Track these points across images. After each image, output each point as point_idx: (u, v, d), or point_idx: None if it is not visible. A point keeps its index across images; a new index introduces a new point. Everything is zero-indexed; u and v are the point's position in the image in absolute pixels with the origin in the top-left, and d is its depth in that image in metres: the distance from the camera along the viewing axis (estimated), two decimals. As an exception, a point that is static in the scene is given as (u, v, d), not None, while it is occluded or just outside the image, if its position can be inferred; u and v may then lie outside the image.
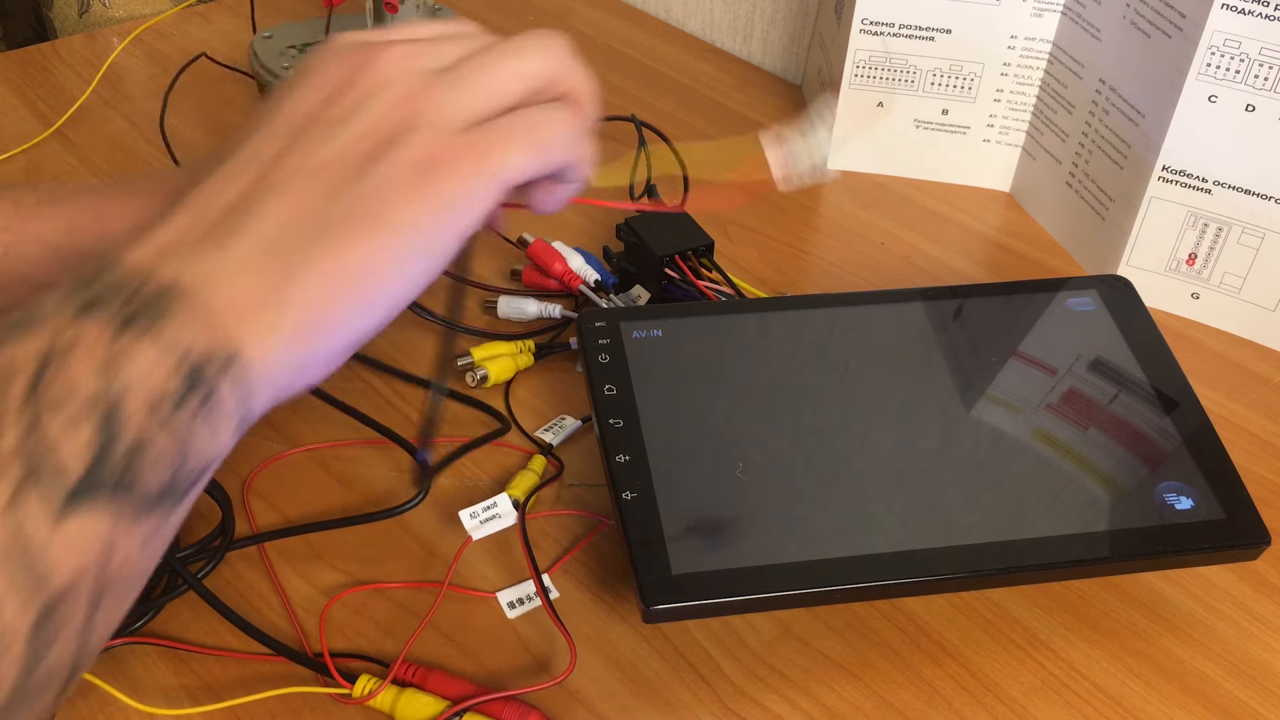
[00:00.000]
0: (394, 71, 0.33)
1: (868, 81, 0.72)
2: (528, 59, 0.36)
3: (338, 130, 0.32)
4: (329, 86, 0.33)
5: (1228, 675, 0.45)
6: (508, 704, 0.41)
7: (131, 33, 0.86)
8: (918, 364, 0.48)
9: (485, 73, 0.35)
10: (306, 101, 0.33)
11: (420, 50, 0.34)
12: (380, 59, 0.33)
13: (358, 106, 0.33)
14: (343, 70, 0.34)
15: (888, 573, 0.41)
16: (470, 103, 0.34)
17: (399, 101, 0.33)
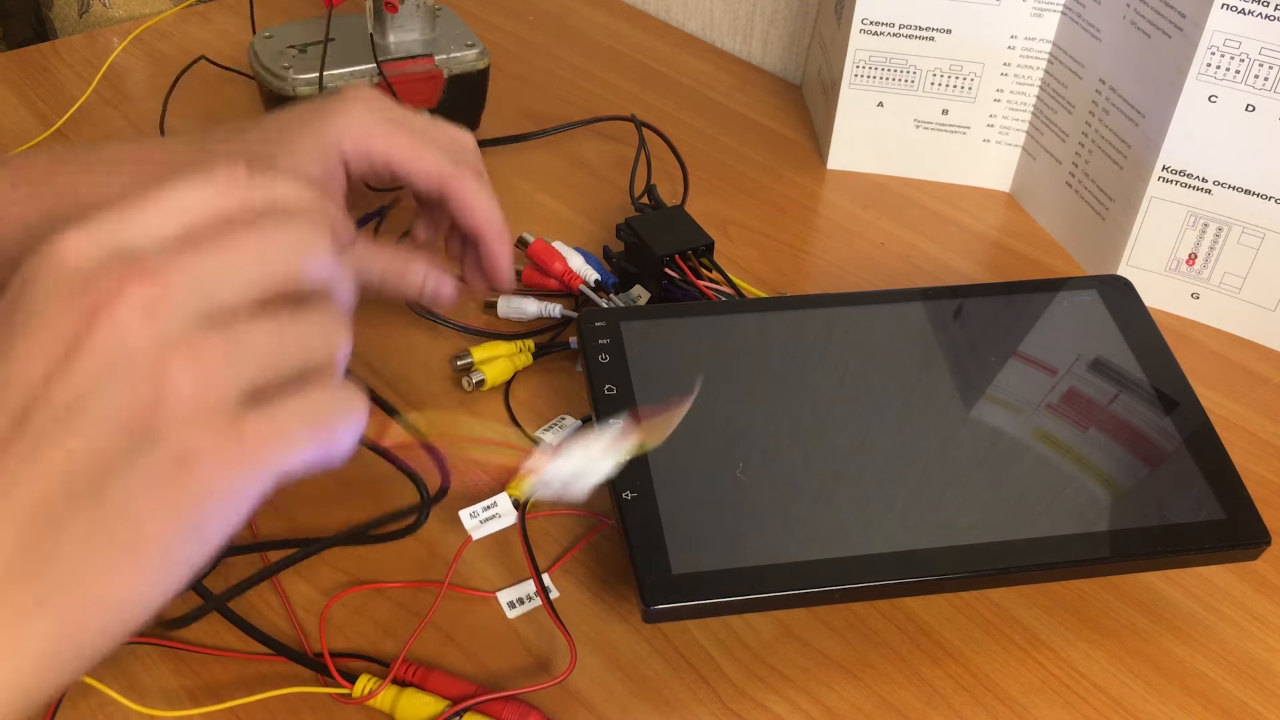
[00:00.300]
0: (134, 331, 0.26)
1: (868, 81, 0.72)
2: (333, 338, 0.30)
3: (71, 418, 0.26)
4: (51, 348, 0.26)
5: (1228, 675, 0.45)
6: (508, 704, 0.41)
7: (131, 33, 0.86)
8: (918, 364, 0.48)
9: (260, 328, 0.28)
10: (27, 368, 0.27)
11: (166, 289, 0.27)
12: (113, 310, 0.26)
13: (94, 384, 0.26)
14: (66, 325, 0.26)
15: (888, 573, 0.41)
16: (235, 377, 0.27)
17: (149, 373, 0.26)
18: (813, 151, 0.78)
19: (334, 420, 0.29)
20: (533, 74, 0.84)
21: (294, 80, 0.69)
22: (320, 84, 0.68)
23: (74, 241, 0.28)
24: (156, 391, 0.26)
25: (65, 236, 0.28)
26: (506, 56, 0.86)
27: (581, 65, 0.86)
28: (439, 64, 0.72)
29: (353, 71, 0.69)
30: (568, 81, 0.84)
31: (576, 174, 0.74)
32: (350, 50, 0.71)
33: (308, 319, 0.29)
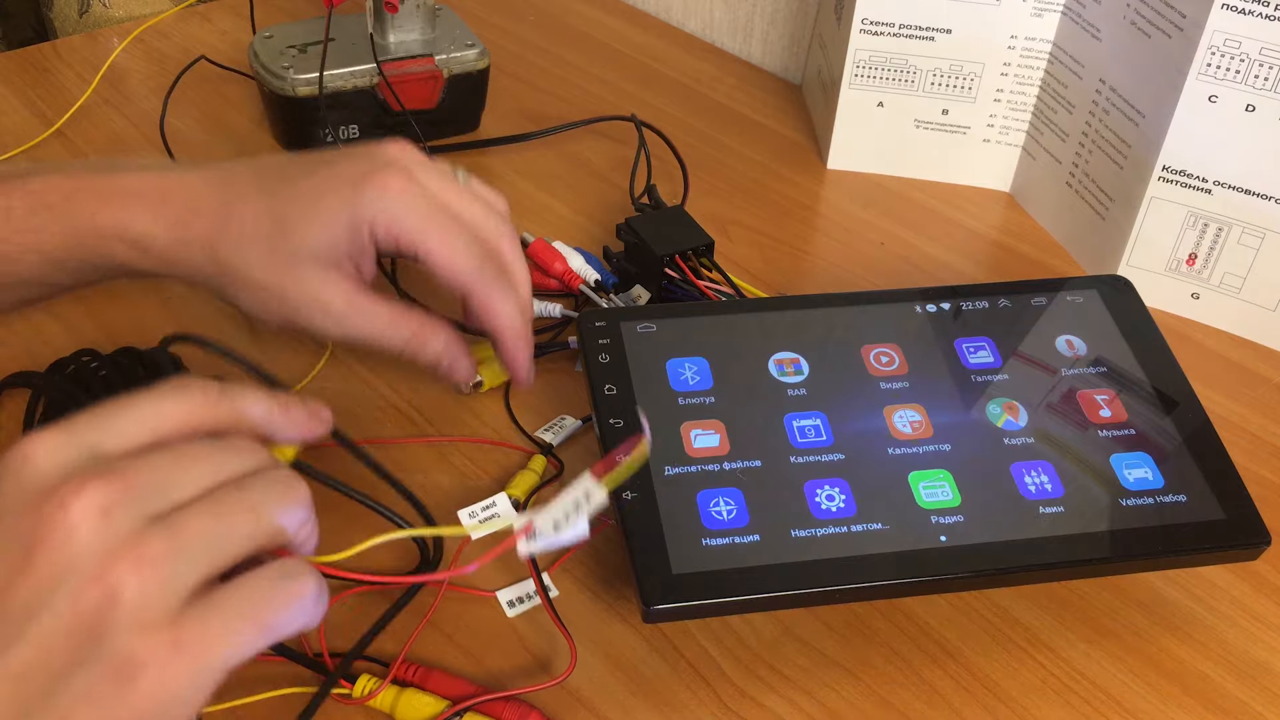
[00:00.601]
0: (85, 534, 0.27)
1: (868, 81, 0.72)
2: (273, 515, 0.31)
3: (25, 627, 0.27)
4: (11, 552, 0.28)
5: (1228, 675, 0.45)
6: (508, 704, 0.41)
7: (131, 33, 0.86)
8: (918, 364, 0.48)
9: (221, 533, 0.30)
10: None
11: (123, 490, 0.28)
12: (68, 512, 0.27)
13: (46, 589, 0.27)
14: (26, 528, 0.28)
15: (888, 573, 0.41)
16: (192, 576, 0.29)
17: (95, 577, 0.27)
18: (813, 151, 0.78)
19: (275, 609, 0.30)
20: (533, 74, 0.84)
21: (294, 80, 0.69)
22: (320, 84, 0.68)
23: (48, 443, 0.29)
24: (103, 597, 0.27)
25: (41, 438, 0.29)
26: (506, 56, 0.86)
27: (581, 65, 0.86)
28: (439, 64, 0.72)
29: (353, 71, 0.69)
30: (568, 81, 0.84)
31: (576, 174, 0.74)
32: (350, 50, 0.71)
33: (252, 491, 0.31)
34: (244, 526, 0.30)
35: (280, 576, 0.30)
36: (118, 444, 0.30)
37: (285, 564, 0.31)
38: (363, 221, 0.44)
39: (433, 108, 0.73)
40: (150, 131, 0.74)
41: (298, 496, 0.32)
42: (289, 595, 0.30)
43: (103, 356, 0.52)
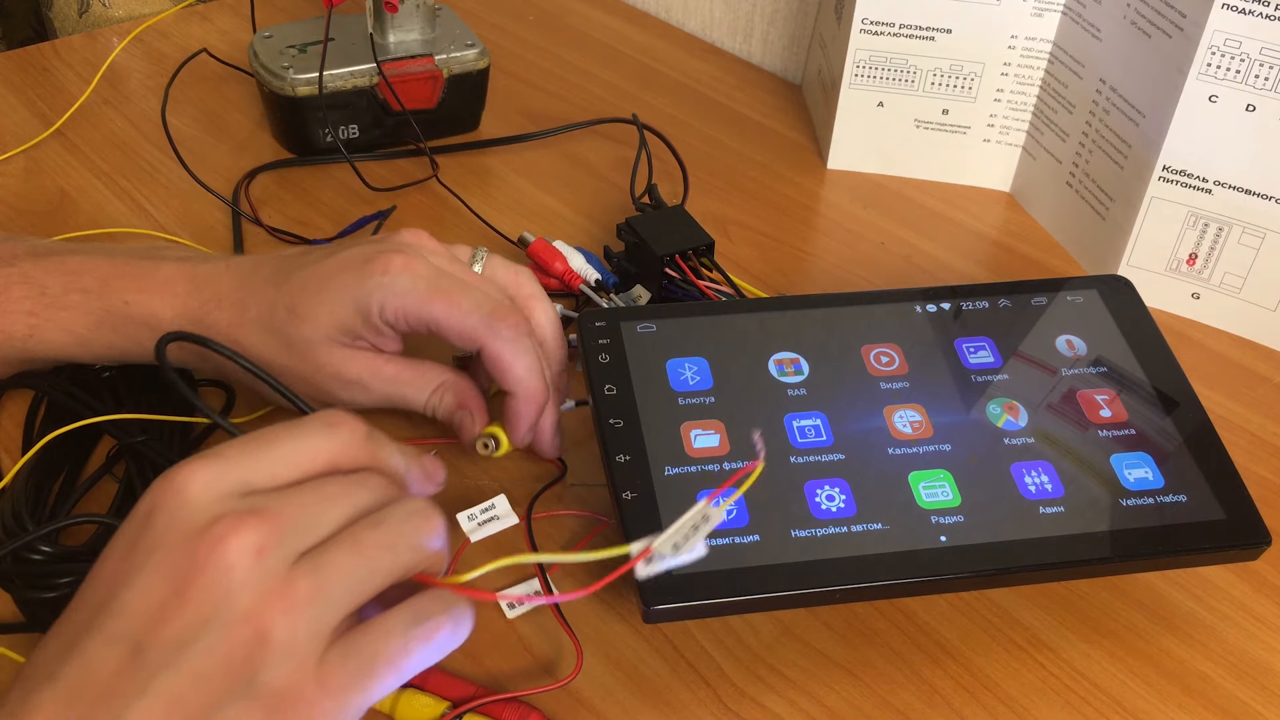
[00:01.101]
0: (240, 574, 0.29)
1: (868, 81, 0.72)
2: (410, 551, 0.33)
3: (180, 654, 0.29)
4: (168, 583, 0.29)
5: (1228, 675, 0.45)
6: (508, 705, 0.41)
7: (131, 32, 0.86)
8: (918, 364, 0.48)
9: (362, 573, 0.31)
10: (145, 599, 0.29)
11: (275, 530, 0.30)
12: (225, 550, 0.29)
13: (200, 623, 0.29)
14: (184, 562, 0.30)
15: (888, 573, 0.41)
16: (335, 616, 0.31)
17: (246, 616, 0.29)
18: (813, 151, 0.78)
19: (412, 651, 0.32)
20: (533, 74, 0.84)
21: (293, 80, 0.69)
22: (320, 84, 0.68)
23: (202, 476, 0.31)
24: (253, 636, 0.29)
25: (194, 470, 0.31)
26: (506, 56, 0.86)
27: (581, 65, 0.86)
28: (439, 64, 0.72)
29: (352, 71, 0.69)
30: (568, 81, 0.84)
31: (577, 174, 0.74)
32: (350, 50, 0.71)
33: (388, 528, 0.32)
34: (383, 563, 0.32)
35: (413, 621, 0.32)
36: (266, 481, 0.32)
37: (419, 605, 0.33)
38: (370, 303, 0.45)
39: (433, 108, 0.73)
40: (150, 131, 0.74)
41: (432, 529, 0.34)
42: (424, 637, 0.32)
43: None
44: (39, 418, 0.51)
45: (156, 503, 0.31)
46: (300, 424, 0.34)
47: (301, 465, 0.33)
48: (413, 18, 0.72)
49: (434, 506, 0.34)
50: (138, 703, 0.29)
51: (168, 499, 0.31)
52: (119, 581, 0.30)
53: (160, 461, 0.48)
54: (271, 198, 0.70)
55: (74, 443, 0.49)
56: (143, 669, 0.29)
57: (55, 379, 0.51)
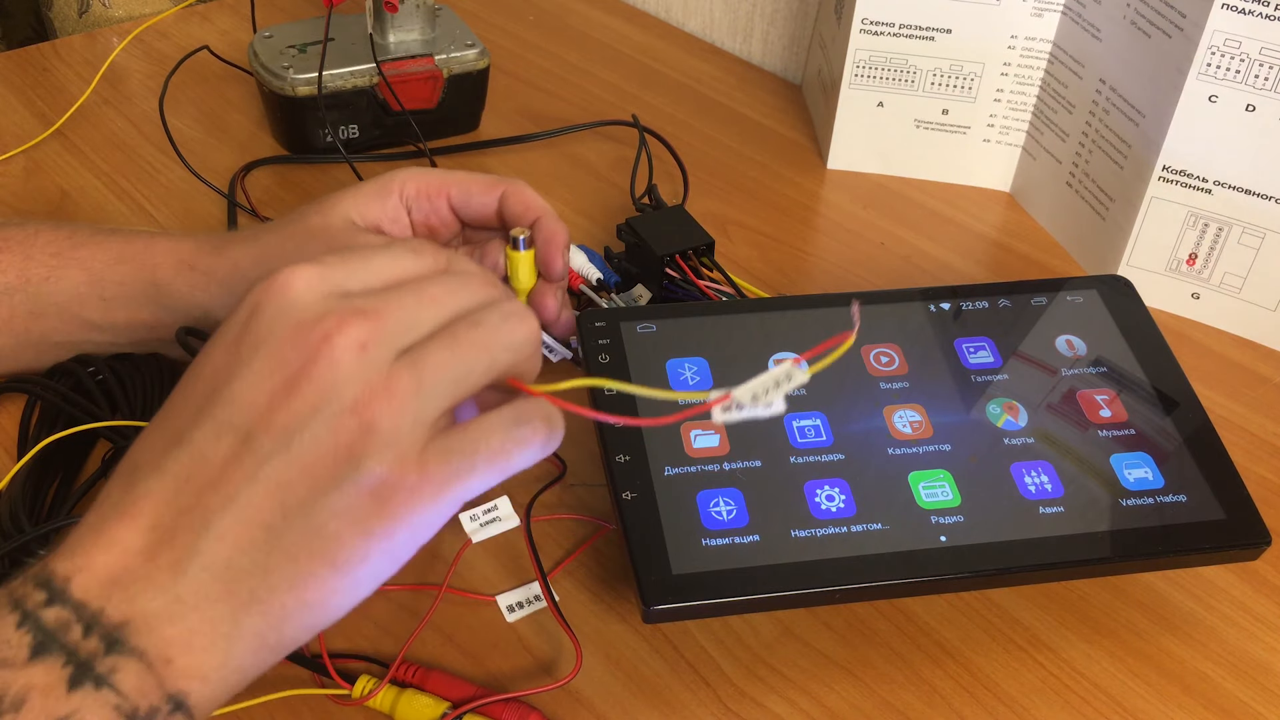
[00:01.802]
0: (346, 367, 0.30)
1: (868, 81, 0.72)
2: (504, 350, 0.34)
3: (289, 442, 0.30)
4: (277, 374, 0.31)
5: (1228, 675, 0.45)
6: (508, 705, 0.41)
7: (131, 32, 0.86)
8: (918, 364, 0.48)
9: (459, 370, 0.32)
10: (254, 390, 0.31)
11: (378, 328, 0.31)
12: (332, 345, 0.30)
13: (309, 412, 0.30)
14: (292, 355, 0.31)
15: (888, 573, 0.41)
16: (436, 409, 0.32)
17: (353, 407, 0.30)
18: (813, 151, 0.78)
19: (509, 451, 0.33)
20: (533, 74, 0.84)
21: (293, 80, 0.69)
22: (320, 84, 0.68)
23: (304, 277, 0.32)
24: (359, 427, 0.30)
25: (296, 271, 0.32)
26: (506, 56, 0.86)
27: (581, 65, 0.86)
28: (439, 64, 0.72)
29: (352, 71, 0.69)
30: (568, 81, 0.84)
31: (577, 174, 0.74)
32: (350, 50, 0.71)
33: (485, 327, 0.33)
34: (480, 362, 0.33)
35: (514, 422, 0.33)
36: (364, 286, 0.33)
37: (520, 409, 0.33)
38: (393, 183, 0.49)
39: (433, 108, 0.73)
40: (150, 131, 0.74)
41: (528, 330, 0.34)
42: (521, 440, 0.33)
43: (100, 361, 0.52)
44: (33, 421, 0.51)
45: (259, 301, 0.32)
46: (389, 244, 0.35)
47: (393, 273, 0.34)
48: (413, 18, 0.72)
49: (529, 310, 0.35)
50: (247, 489, 0.30)
51: (272, 297, 0.32)
52: (226, 374, 0.31)
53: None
54: (272, 198, 0.70)
55: (70, 447, 0.49)
56: (252, 457, 0.30)
57: (50, 383, 0.51)
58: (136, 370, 0.52)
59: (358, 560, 0.31)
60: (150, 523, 0.30)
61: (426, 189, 0.49)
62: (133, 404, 0.50)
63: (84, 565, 0.30)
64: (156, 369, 0.52)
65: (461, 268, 0.35)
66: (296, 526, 0.30)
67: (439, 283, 0.34)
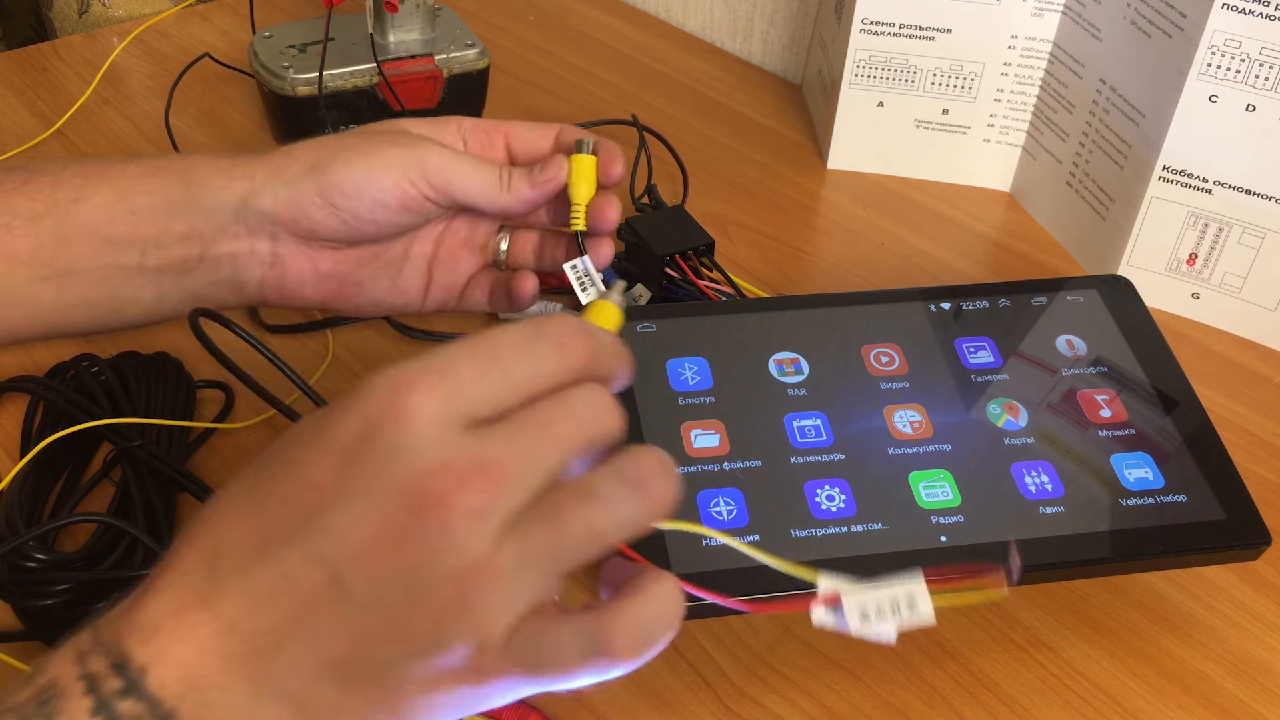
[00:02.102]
0: (457, 535, 0.28)
1: (868, 81, 0.72)
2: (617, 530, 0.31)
3: (381, 595, 0.29)
4: (383, 522, 0.29)
5: (1228, 675, 0.45)
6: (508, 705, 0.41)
7: (131, 33, 0.86)
8: (918, 364, 0.48)
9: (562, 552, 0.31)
10: (356, 531, 0.29)
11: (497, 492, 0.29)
12: (446, 509, 0.28)
13: (408, 571, 0.29)
14: (403, 506, 0.29)
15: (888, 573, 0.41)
16: (533, 592, 0.30)
17: (454, 577, 0.29)
18: (813, 151, 0.78)
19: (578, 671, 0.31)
20: (533, 74, 0.84)
21: (294, 80, 0.69)
22: (320, 84, 0.68)
23: (430, 406, 0.29)
24: (455, 598, 0.29)
25: (423, 398, 0.29)
26: (506, 56, 0.86)
27: (581, 65, 0.86)
28: (439, 64, 0.72)
29: (352, 71, 0.69)
30: (568, 81, 0.84)
31: (576, 174, 0.73)
32: (350, 50, 0.71)
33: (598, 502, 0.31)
34: (584, 549, 0.31)
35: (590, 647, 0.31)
36: (492, 410, 0.30)
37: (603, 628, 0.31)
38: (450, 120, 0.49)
39: (433, 108, 0.73)
40: (151, 131, 0.74)
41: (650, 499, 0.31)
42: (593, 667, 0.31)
43: (103, 361, 0.52)
44: (35, 421, 0.51)
45: (378, 424, 0.29)
46: (532, 339, 0.31)
47: (531, 392, 0.31)
48: (413, 18, 0.72)
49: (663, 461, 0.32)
50: (330, 627, 0.29)
51: (390, 424, 0.29)
52: (327, 498, 0.29)
53: (157, 466, 0.47)
54: (271, 198, 0.70)
55: (73, 447, 0.49)
56: (341, 598, 0.29)
57: (53, 383, 0.51)
58: (139, 369, 0.52)
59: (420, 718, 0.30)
60: (229, 625, 0.29)
61: (484, 125, 0.50)
62: (135, 403, 0.50)
63: (160, 656, 0.29)
64: (159, 368, 0.52)
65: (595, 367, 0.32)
66: (369, 675, 0.29)
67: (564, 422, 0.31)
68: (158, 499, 0.46)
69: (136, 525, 0.45)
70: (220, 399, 0.54)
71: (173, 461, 0.48)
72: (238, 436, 0.52)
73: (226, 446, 0.52)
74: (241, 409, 0.54)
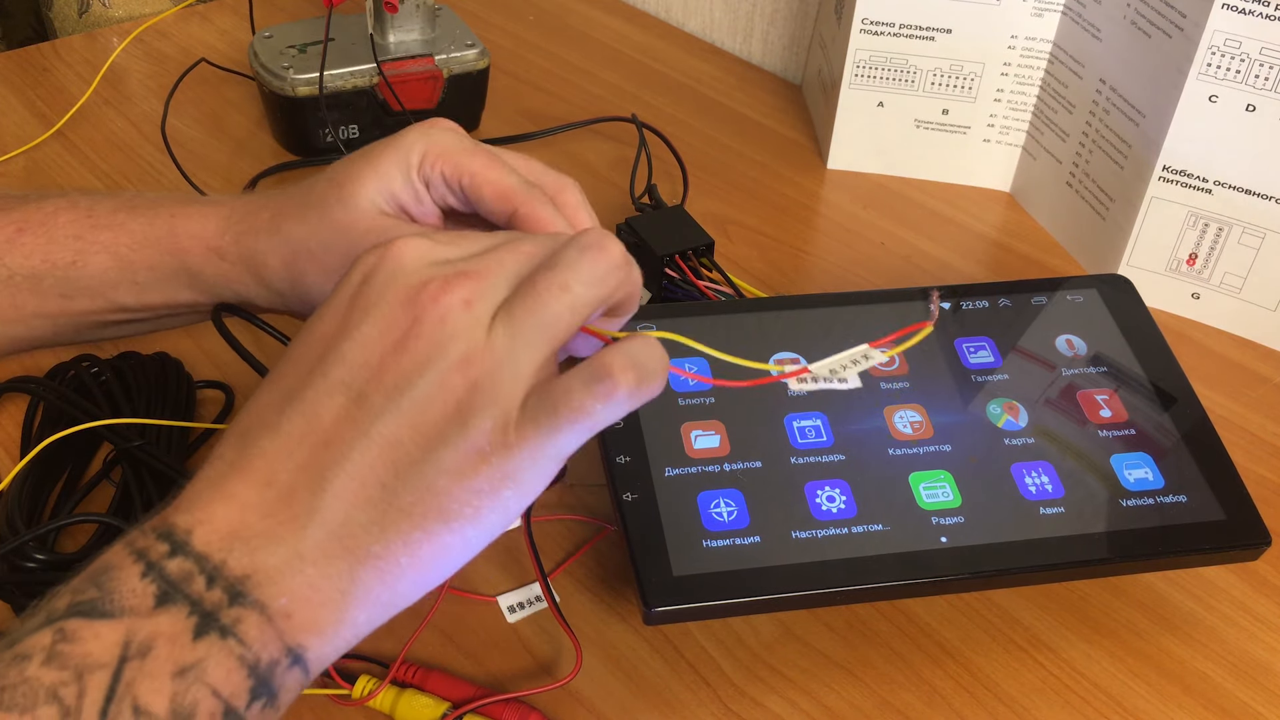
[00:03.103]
0: (453, 324, 0.32)
1: (868, 81, 0.72)
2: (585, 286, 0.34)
3: (399, 398, 0.31)
4: (388, 335, 0.32)
5: (1228, 675, 0.45)
6: (508, 705, 0.41)
7: (131, 33, 0.86)
8: (917, 364, 0.48)
9: (545, 317, 0.33)
10: (366, 350, 0.32)
11: (480, 285, 0.33)
12: (439, 304, 0.32)
13: (418, 370, 0.31)
14: (403, 316, 0.32)
15: (888, 574, 0.41)
16: (531, 361, 0.33)
17: (460, 364, 0.32)
18: (813, 151, 0.78)
19: (590, 408, 0.33)
20: (533, 74, 0.84)
21: (293, 80, 0.69)
22: (320, 84, 0.68)
23: (414, 247, 0.33)
24: (466, 383, 0.31)
25: (407, 242, 0.34)
26: (506, 56, 0.86)
27: (581, 65, 0.86)
28: (439, 64, 0.72)
29: (352, 71, 0.69)
30: (568, 81, 0.84)
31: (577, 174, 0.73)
32: (350, 50, 0.71)
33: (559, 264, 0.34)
34: (562, 305, 0.33)
35: (591, 378, 0.33)
36: (465, 251, 0.34)
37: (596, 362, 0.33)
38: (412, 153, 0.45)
39: (433, 108, 0.73)
40: (150, 131, 0.74)
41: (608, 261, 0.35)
42: (600, 394, 0.33)
43: (103, 362, 0.52)
44: (35, 422, 0.51)
45: (372, 269, 0.33)
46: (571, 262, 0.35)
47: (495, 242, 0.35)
48: (413, 18, 0.72)
49: (608, 238, 0.35)
50: (360, 446, 0.31)
51: (385, 264, 0.33)
52: (338, 336, 0.32)
53: (157, 466, 0.47)
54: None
55: (73, 447, 0.49)
56: (364, 414, 0.31)
57: (52, 383, 0.51)
58: (139, 370, 0.52)
59: (469, 517, 0.32)
60: (266, 479, 0.31)
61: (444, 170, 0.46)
62: (135, 404, 0.50)
63: (204, 519, 0.30)
64: (159, 369, 0.52)
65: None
66: (410, 483, 0.31)
67: (527, 239, 0.35)
68: (158, 499, 0.46)
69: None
70: (220, 399, 0.54)
71: (173, 462, 0.48)
72: (238, 437, 0.52)
73: (227, 447, 0.52)
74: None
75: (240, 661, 0.29)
